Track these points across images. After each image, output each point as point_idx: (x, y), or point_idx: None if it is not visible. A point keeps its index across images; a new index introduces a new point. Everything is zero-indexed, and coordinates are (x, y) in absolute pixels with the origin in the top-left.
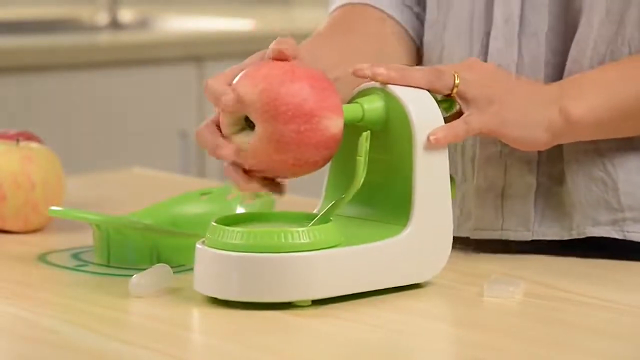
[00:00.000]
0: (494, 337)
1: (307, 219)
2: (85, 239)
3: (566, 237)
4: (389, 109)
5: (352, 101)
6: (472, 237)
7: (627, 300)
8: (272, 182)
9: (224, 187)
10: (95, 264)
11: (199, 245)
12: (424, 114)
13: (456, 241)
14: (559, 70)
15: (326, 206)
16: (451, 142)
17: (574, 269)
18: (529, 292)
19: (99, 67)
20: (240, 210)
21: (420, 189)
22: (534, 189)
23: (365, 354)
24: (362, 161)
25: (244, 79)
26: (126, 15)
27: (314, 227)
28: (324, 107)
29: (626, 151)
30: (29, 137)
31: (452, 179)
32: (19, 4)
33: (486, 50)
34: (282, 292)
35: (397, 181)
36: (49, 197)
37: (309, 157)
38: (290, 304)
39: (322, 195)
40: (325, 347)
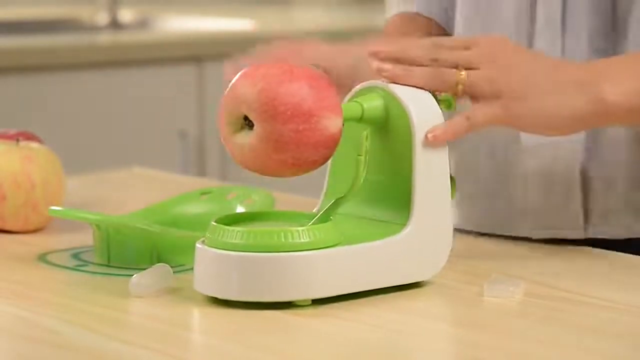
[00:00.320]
0: (494, 337)
1: (306, 218)
2: (85, 239)
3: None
4: (389, 107)
5: (351, 100)
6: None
7: (627, 300)
8: None
9: (224, 187)
10: (95, 264)
11: (199, 245)
12: (423, 112)
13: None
14: None
15: (326, 205)
16: (450, 140)
17: (574, 269)
18: (529, 292)
19: (99, 67)
20: (240, 209)
21: (420, 188)
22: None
23: (365, 354)
24: (362, 160)
25: (242, 79)
26: (126, 15)
27: (313, 226)
28: (322, 107)
29: None
30: (29, 137)
31: (452, 179)
32: (19, 4)
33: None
34: (282, 292)
35: (397, 180)
36: (49, 197)
37: (308, 157)
38: (290, 304)
39: (322, 194)
40: (325, 346)
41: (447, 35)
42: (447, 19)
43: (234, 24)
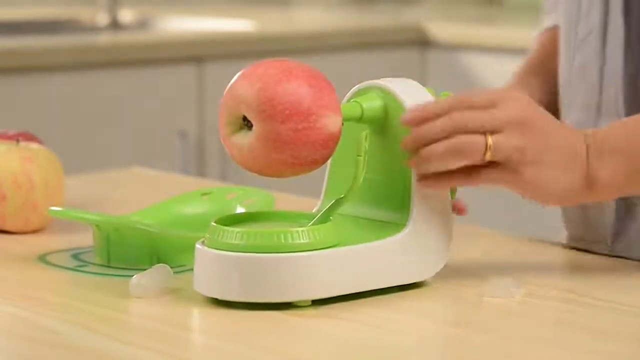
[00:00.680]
0: (494, 337)
1: (306, 218)
2: (85, 239)
3: None
4: (388, 107)
5: (350, 100)
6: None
7: (628, 300)
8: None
9: (224, 188)
10: (95, 265)
11: (198, 245)
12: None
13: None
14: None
15: (325, 206)
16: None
17: (574, 269)
18: (529, 292)
19: (99, 67)
20: (240, 210)
21: (419, 188)
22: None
23: (365, 354)
24: (361, 160)
25: (241, 79)
26: (126, 15)
27: (313, 227)
28: (321, 106)
29: None
30: (29, 137)
31: None
32: (19, 4)
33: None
34: (281, 292)
35: (397, 181)
36: (49, 197)
37: (308, 156)
38: (290, 304)
39: (322, 194)
40: (325, 347)
41: None
42: None
43: (234, 24)
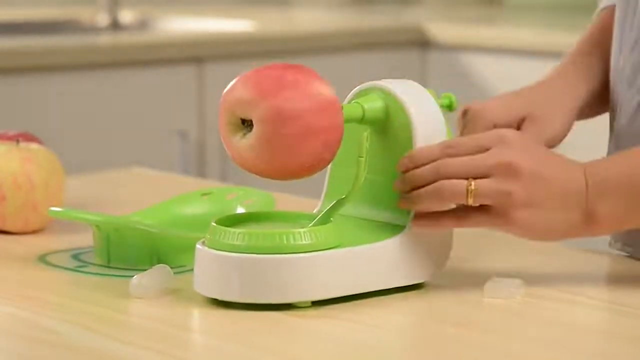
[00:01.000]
0: (494, 337)
1: (307, 219)
2: (85, 239)
3: None
4: (389, 108)
5: (352, 101)
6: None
7: (628, 300)
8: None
9: (224, 187)
10: (95, 265)
11: (199, 245)
12: (424, 113)
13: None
14: None
15: (326, 206)
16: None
17: (574, 269)
18: (529, 292)
19: (100, 68)
20: (240, 210)
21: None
22: None
23: (365, 355)
24: (362, 161)
25: (241, 81)
26: (126, 16)
27: (314, 227)
28: (322, 108)
29: None
30: (29, 137)
31: None
32: (19, 5)
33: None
34: (282, 293)
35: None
36: (49, 197)
37: (308, 159)
38: (290, 305)
39: (323, 195)
40: (325, 347)
41: None
42: None
43: (234, 25)
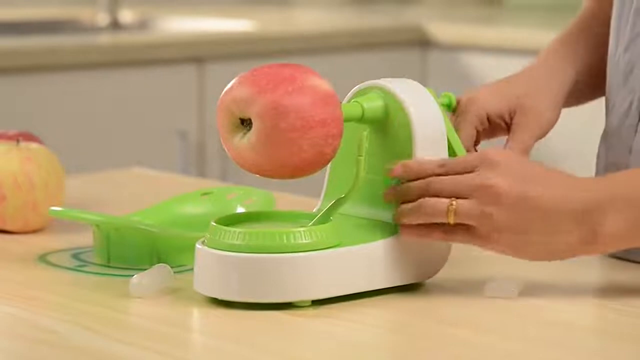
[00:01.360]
0: (494, 337)
1: (307, 218)
2: (85, 239)
3: None
4: (389, 107)
5: (351, 100)
6: None
7: (628, 300)
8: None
9: (224, 187)
10: (95, 264)
11: (199, 245)
12: (423, 112)
13: None
14: None
15: (326, 205)
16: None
17: (573, 269)
18: (528, 292)
19: (100, 67)
20: (240, 210)
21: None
22: None
23: (365, 354)
24: (361, 160)
25: (240, 81)
26: (126, 16)
27: (314, 227)
28: (321, 107)
29: None
30: (29, 137)
31: None
32: (19, 5)
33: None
34: (282, 293)
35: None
36: (49, 197)
37: (307, 158)
38: (290, 304)
39: (322, 194)
40: (325, 347)
41: None
42: None
43: (234, 25)
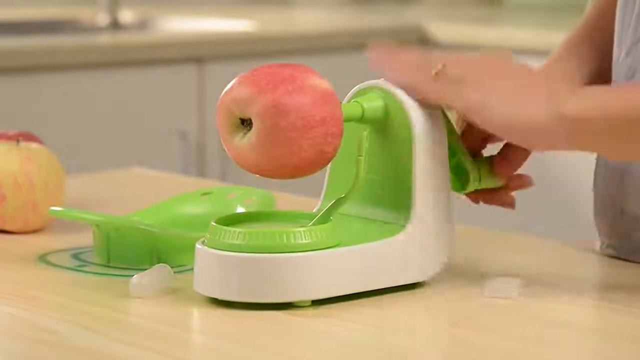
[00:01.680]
0: (494, 337)
1: (306, 218)
2: (85, 239)
3: None
4: (389, 107)
5: (351, 100)
6: None
7: (627, 300)
8: None
9: (224, 187)
10: (95, 264)
11: (198, 245)
12: (423, 112)
13: None
14: None
15: (326, 205)
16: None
17: (573, 269)
18: (528, 292)
19: (100, 67)
20: (240, 210)
21: (420, 188)
22: None
23: (365, 354)
24: (361, 160)
25: (239, 81)
26: (126, 16)
27: (314, 227)
28: (322, 107)
29: None
30: (29, 137)
31: (465, 171)
32: (19, 5)
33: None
34: (282, 293)
35: (397, 180)
36: (49, 197)
37: (307, 158)
38: (290, 304)
39: (322, 194)
40: (325, 347)
41: None
42: None
43: (234, 24)
